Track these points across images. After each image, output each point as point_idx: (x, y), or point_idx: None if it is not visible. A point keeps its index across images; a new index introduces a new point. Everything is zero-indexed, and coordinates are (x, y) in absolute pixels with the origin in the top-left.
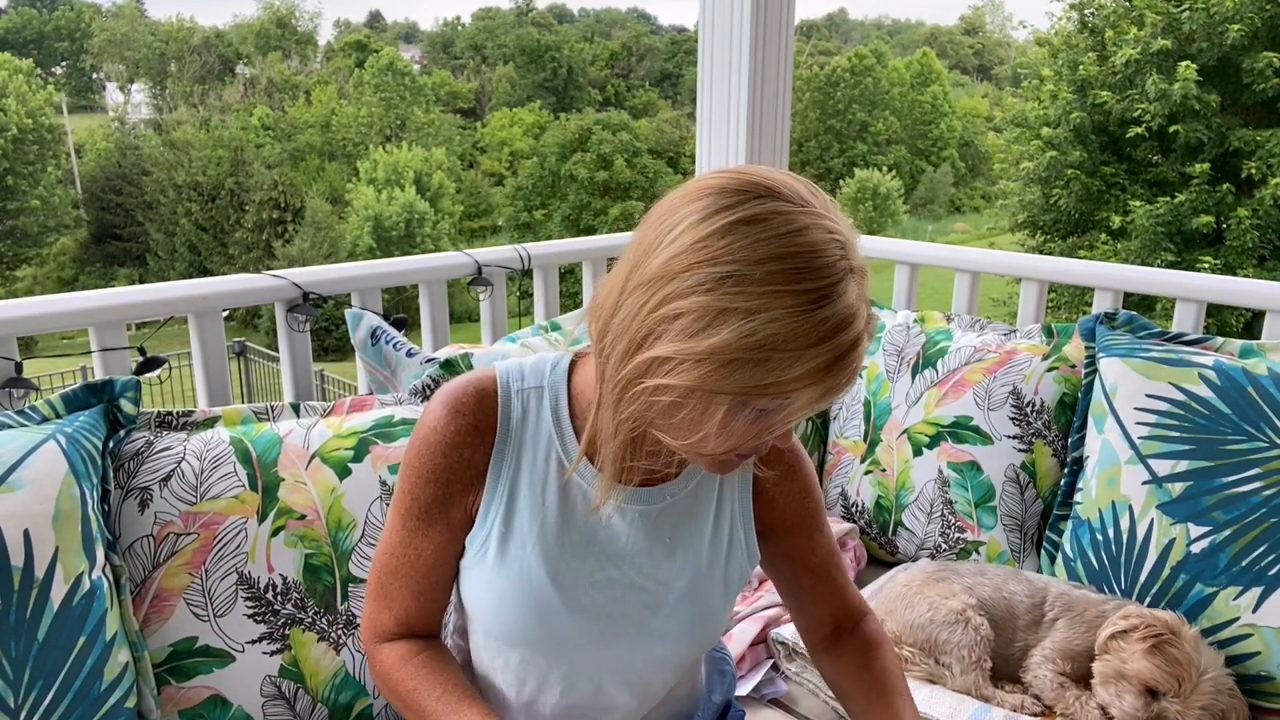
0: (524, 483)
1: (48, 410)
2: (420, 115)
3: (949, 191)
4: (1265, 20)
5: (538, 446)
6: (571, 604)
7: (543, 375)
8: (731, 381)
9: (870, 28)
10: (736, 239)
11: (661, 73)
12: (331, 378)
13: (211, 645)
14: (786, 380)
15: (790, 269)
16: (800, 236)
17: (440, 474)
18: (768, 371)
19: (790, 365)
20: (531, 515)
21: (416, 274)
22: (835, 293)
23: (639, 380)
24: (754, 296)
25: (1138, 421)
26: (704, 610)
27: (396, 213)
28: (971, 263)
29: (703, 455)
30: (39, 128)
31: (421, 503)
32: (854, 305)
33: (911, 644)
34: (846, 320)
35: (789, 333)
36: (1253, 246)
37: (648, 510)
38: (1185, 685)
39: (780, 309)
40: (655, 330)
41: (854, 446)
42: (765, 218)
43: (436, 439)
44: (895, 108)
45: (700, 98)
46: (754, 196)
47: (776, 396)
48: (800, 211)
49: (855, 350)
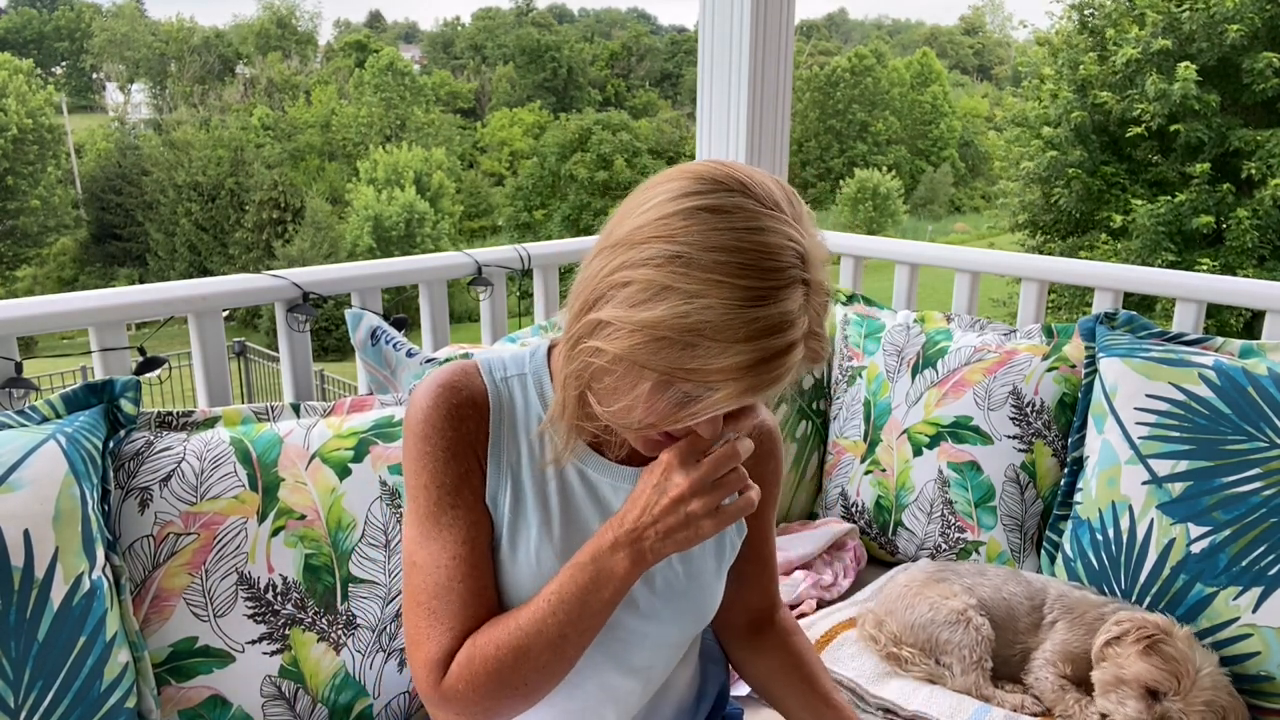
0: (525, 469)
1: (48, 410)
2: (420, 115)
3: (949, 191)
4: (1265, 20)
5: (530, 431)
6: None
7: (523, 363)
8: (657, 359)
9: (870, 28)
10: (695, 223)
11: (661, 73)
12: (331, 378)
13: (211, 645)
14: (710, 370)
15: (737, 262)
16: (756, 235)
17: (457, 447)
18: (693, 357)
19: (715, 356)
20: (535, 498)
21: (416, 274)
22: (776, 296)
23: (583, 339)
24: (696, 281)
25: (1138, 421)
26: (696, 585)
27: (396, 213)
28: (971, 263)
29: (629, 429)
30: (39, 128)
31: (450, 486)
32: (793, 313)
33: (912, 644)
34: (780, 325)
35: (719, 323)
36: (1252, 246)
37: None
38: (1184, 682)
39: (717, 298)
40: (605, 294)
41: (854, 446)
42: (729, 210)
43: (439, 414)
44: (895, 108)
45: (700, 98)
46: (726, 189)
47: (699, 384)
48: (766, 213)
49: (783, 358)
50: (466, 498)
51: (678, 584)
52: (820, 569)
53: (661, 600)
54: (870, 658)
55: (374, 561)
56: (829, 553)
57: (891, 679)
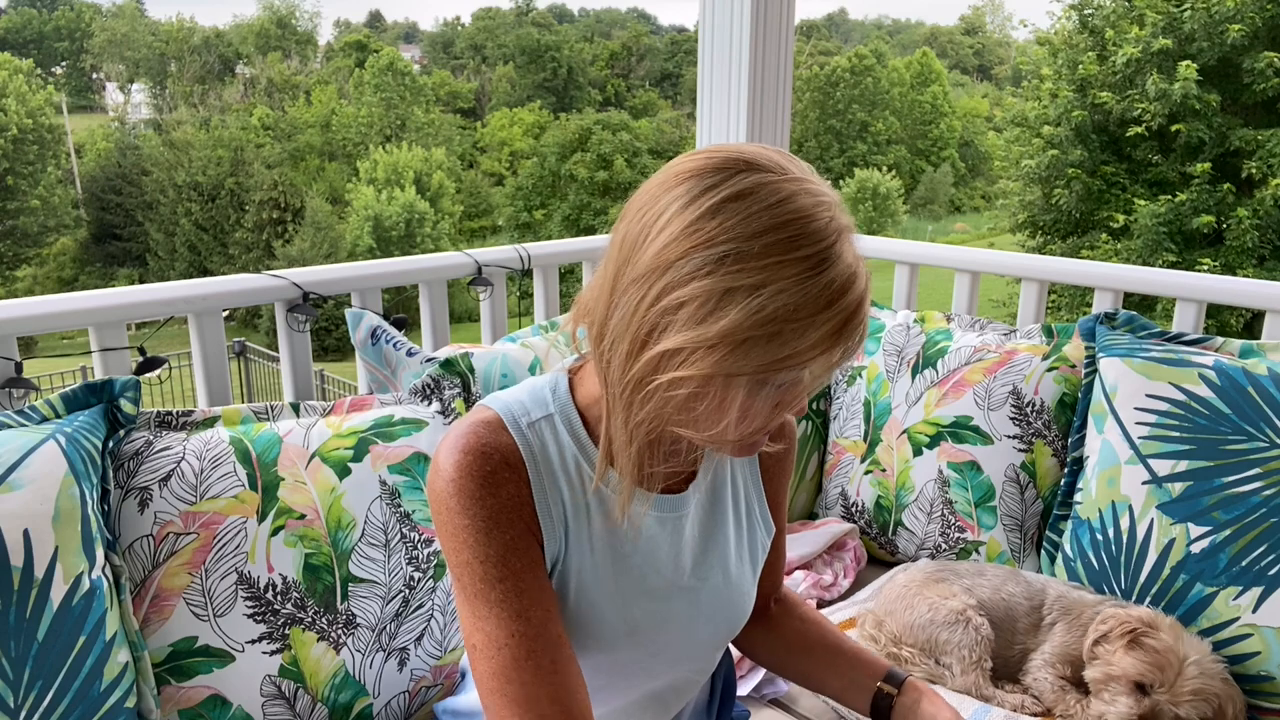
0: (569, 514)
1: (47, 410)
2: (420, 115)
3: (949, 191)
4: (1265, 20)
5: (569, 474)
6: (629, 623)
7: (546, 403)
8: (748, 361)
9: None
10: (727, 217)
11: (661, 73)
12: (331, 378)
13: (211, 645)
14: (802, 349)
15: (786, 238)
16: (790, 204)
17: (496, 516)
18: (782, 344)
19: (803, 334)
20: (577, 541)
21: (416, 274)
22: (834, 254)
23: (650, 378)
24: (756, 271)
25: (1138, 421)
26: (739, 591)
27: (396, 213)
28: (971, 263)
29: (727, 442)
30: (39, 128)
31: (494, 559)
32: (853, 264)
33: (911, 644)
34: (850, 280)
35: (797, 302)
36: (1253, 246)
37: (684, 515)
38: (1168, 673)
39: (784, 280)
40: (659, 323)
41: (854, 446)
42: (752, 191)
43: (474, 484)
44: (895, 108)
45: (700, 98)
46: (735, 172)
47: (794, 368)
48: (784, 180)
49: (862, 308)
50: (515, 567)
51: (721, 596)
52: (820, 569)
53: (705, 615)
54: None
55: (374, 561)
56: (829, 553)
57: None
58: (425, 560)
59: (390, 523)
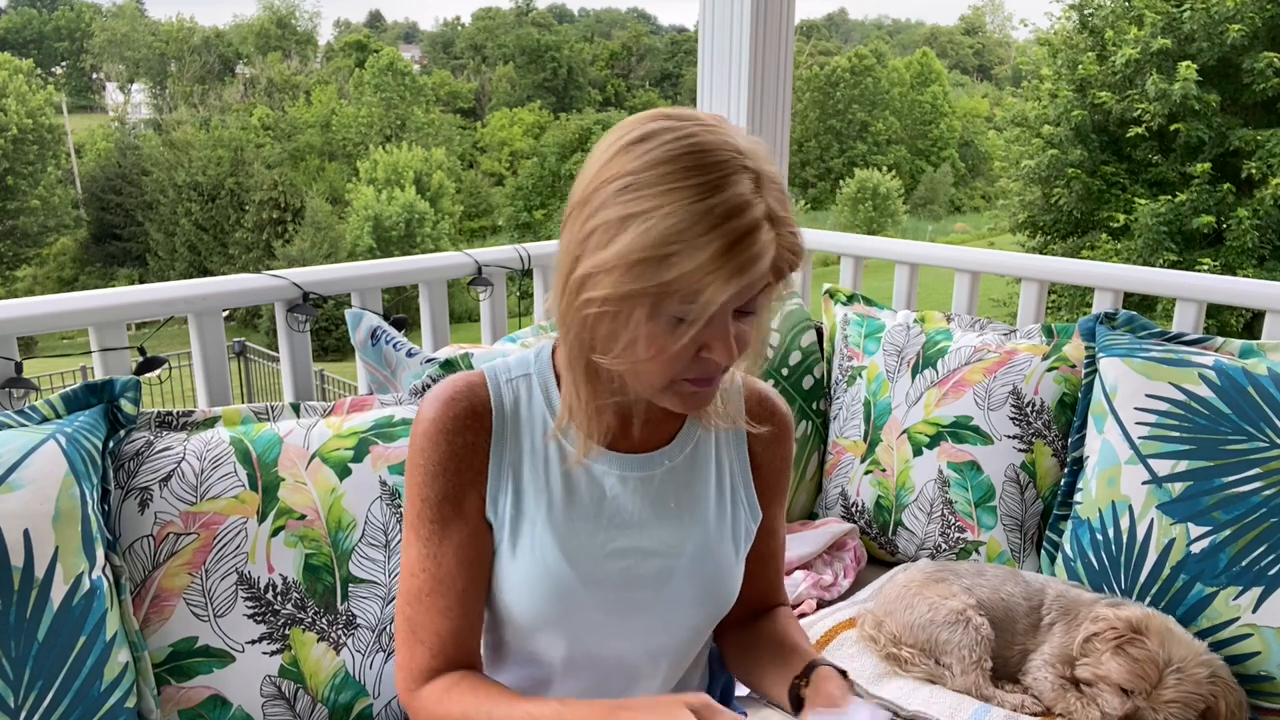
0: (526, 467)
1: (48, 410)
2: (420, 115)
3: (949, 191)
4: (1265, 20)
5: (534, 430)
6: (588, 579)
7: (528, 364)
8: (641, 282)
9: (870, 28)
10: (631, 155)
11: (661, 73)
12: (331, 378)
13: (211, 645)
14: (690, 271)
15: (680, 168)
16: (692, 140)
17: (447, 463)
18: (670, 267)
19: (689, 256)
20: (537, 497)
21: (416, 274)
22: (725, 183)
23: (569, 306)
24: (648, 199)
25: (1138, 421)
26: (716, 571)
27: (396, 213)
28: (971, 263)
29: (655, 387)
30: (39, 128)
31: (432, 501)
32: (745, 194)
33: (911, 644)
34: (739, 206)
35: (682, 224)
36: (1253, 247)
37: (648, 477)
38: (1148, 682)
39: (673, 203)
40: (578, 254)
41: (854, 446)
42: (658, 132)
43: (435, 429)
44: (895, 108)
45: (700, 98)
46: (653, 119)
47: (686, 294)
48: (700, 127)
49: (752, 235)
50: (445, 514)
51: (698, 569)
52: (820, 569)
53: (680, 585)
54: (870, 658)
55: (374, 561)
56: (829, 553)
57: (891, 679)
58: None
59: (391, 523)
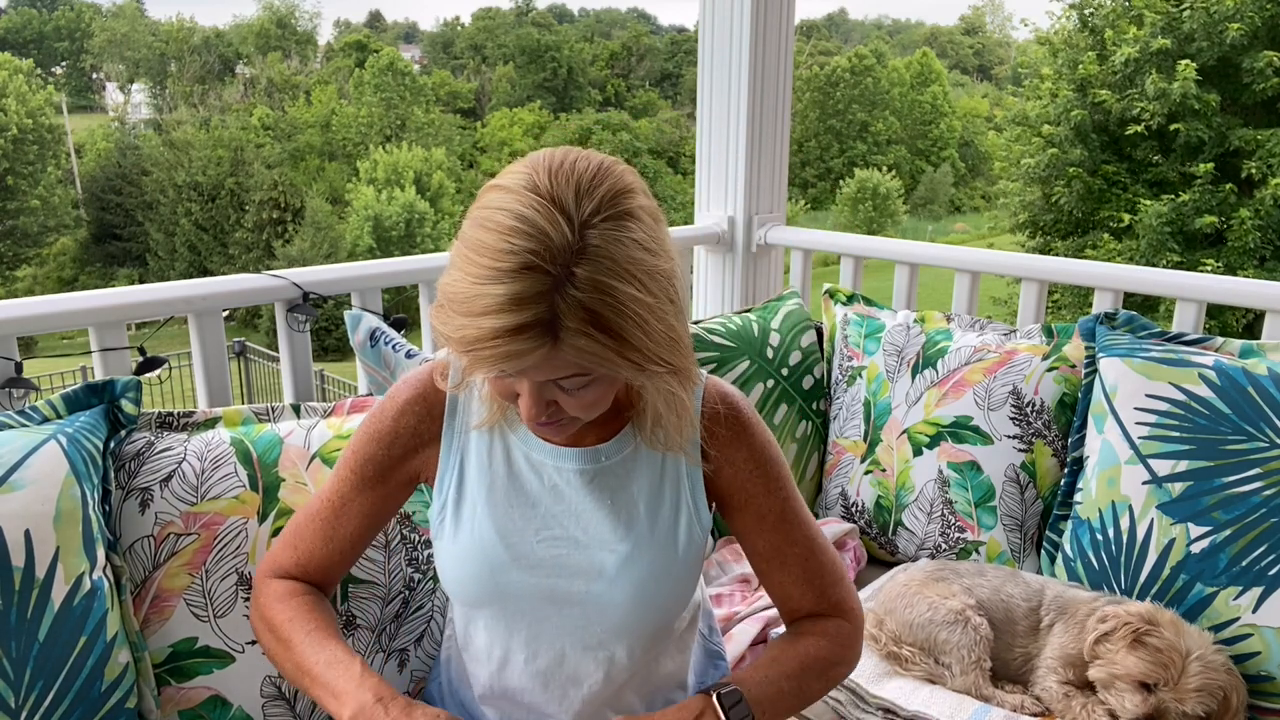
0: (473, 450)
1: (48, 410)
2: (420, 115)
3: (949, 191)
4: (1265, 20)
5: (484, 416)
6: (520, 561)
7: None
8: (438, 321)
9: (870, 28)
10: (482, 201)
11: (661, 73)
12: (332, 378)
13: (211, 646)
14: (449, 335)
15: (478, 241)
16: (505, 215)
17: (384, 436)
18: (444, 322)
19: (451, 324)
20: (479, 478)
21: (416, 274)
22: (503, 278)
23: None
24: (458, 253)
25: (1138, 421)
26: (651, 575)
27: (396, 213)
28: (971, 263)
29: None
30: (39, 128)
31: (360, 457)
32: (521, 295)
33: (911, 644)
34: (497, 307)
35: (461, 296)
36: (1254, 247)
37: (585, 470)
38: (1172, 671)
39: (462, 271)
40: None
41: (854, 446)
42: (505, 189)
43: (387, 405)
44: (895, 108)
45: (700, 98)
46: (523, 169)
47: (459, 349)
48: (531, 200)
49: (503, 339)
50: (369, 475)
51: (633, 567)
52: None
53: (615, 587)
54: (870, 657)
55: (373, 562)
56: None
57: (891, 678)
58: (425, 562)
59: (390, 524)
